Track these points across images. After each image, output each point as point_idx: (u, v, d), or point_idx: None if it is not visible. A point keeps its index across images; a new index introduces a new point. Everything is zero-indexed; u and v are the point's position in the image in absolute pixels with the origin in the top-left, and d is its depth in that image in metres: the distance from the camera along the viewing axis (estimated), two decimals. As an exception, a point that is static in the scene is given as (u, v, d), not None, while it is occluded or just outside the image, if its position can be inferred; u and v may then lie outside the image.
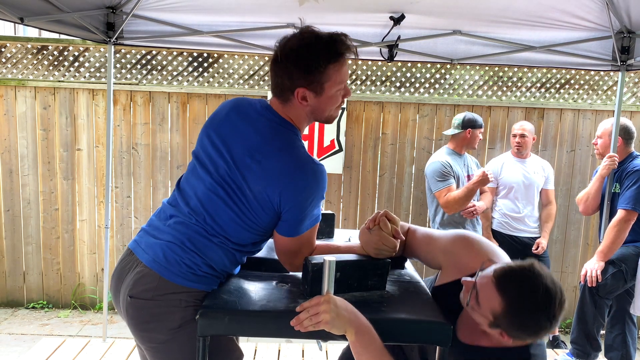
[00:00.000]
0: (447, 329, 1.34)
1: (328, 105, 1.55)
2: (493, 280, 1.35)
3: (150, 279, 1.52)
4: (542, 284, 1.34)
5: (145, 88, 4.29)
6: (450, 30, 3.40)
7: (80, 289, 4.47)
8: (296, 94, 1.51)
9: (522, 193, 3.92)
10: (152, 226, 1.63)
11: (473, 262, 1.47)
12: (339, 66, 1.49)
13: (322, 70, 1.47)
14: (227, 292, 1.45)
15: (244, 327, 1.36)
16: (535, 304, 1.33)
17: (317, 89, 1.50)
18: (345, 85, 1.55)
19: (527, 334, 1.37)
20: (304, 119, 1.58)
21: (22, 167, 4.32)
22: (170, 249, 1.53)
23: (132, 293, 1.54)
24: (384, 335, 1.34)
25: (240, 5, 3.21)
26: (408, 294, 1.52)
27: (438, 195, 3.58)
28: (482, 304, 1.36)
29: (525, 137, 3.90)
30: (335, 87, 1.52)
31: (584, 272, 3.23)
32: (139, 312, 1.55)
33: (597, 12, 3.08)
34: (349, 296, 1.46)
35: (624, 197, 3.17)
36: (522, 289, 1.33)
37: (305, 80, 1.49)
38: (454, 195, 3.51)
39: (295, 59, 1.47)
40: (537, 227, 4.00)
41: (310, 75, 1.48)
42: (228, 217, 1.53)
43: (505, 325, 1.35)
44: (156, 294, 1.51)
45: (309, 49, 1.46)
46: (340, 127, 4.30)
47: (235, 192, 1.52)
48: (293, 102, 1.54)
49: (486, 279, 1.36)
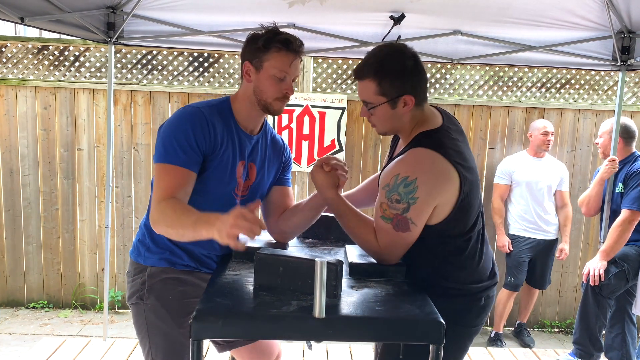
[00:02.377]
0: (441, 327, 1.34)
1: (265, 85, 1.68)
2: (355, 77, 1.66)
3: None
4: (383, 47, 1.65)
5: (146, 88, 4.30)
6: (450, 30, 3.40)
7: (81, 289, 4.47)
8: (243, 67, 1.70)
9: (536, 193, 3.93)
10: None
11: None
12: (283, 53, 1.65)
13: (266, 50, 1.65)
14: (221, 295, 1.45)
15: (237, 330, 1.36)
16: (391, 54, 1.62)
17: (258, 64, 1.67)
18: (288, 77, 1.69)
19: (409, 76, 1.60)
20: (248, 97, 1.73)
21: (23, 167, 4.33)
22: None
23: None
24: (378, 335, 1.35)
25: (241, 5, 3.21)
26: (402, 293, 1.52)
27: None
28: (367, 98, 1.63)
29: (553, 134, 3.98)
30: (273, 70, 1.66)
31: (587, 271, 3.24)
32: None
33: (598, 12, 3.08)
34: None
35: (628, 198, 3.17)
36: (375, 58, 1.62)
37: (251, 55, 1.68)
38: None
39: (251, 37, 1.70)
40: (553, 228, 4.01)
41: (255, 52, 1.66)
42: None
43: (390, 89, 1.58)
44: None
45: (265, 33, 1.67)
46: (341, 127, 4.30)
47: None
48: (244, 82, 1.73)
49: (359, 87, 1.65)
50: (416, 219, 1.57)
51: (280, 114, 1.77)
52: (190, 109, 1.68)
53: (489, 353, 3.73)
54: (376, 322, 1.36)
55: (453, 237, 1.67)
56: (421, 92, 1.65)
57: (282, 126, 4.27)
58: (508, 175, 4.01)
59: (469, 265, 1.70)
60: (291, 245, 1.95)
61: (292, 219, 1.88)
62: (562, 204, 4.05)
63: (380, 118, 1.66)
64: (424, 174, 1.55)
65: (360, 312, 1.37)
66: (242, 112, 1.75)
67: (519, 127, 4.40)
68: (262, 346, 2.01)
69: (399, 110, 1.63)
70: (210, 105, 1.72)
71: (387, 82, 1.60)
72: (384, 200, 1.59)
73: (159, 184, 1.61)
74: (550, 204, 4.01)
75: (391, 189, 1.56)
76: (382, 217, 1.60)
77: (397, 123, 1.67)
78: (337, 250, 1.93)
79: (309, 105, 4.25)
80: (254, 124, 1.79)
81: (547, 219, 3.98)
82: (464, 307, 1.70)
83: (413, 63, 1.63)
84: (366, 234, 1.64)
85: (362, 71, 1.64)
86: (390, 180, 1.57)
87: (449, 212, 1.60)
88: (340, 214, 1.71)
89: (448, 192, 1.58)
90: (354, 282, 1.59)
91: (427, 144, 1.59)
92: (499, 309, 4.10)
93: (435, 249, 1.67)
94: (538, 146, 3.97)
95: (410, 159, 1.58)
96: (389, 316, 1.37)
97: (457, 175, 1.57)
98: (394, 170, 1.59)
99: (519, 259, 4.01)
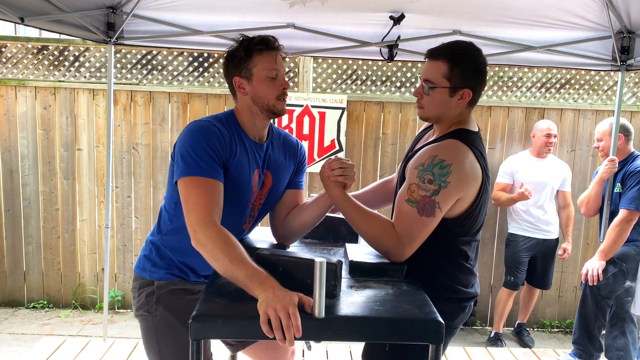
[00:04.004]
0: (441, 327, 1.34)
1: (262, 89, 1.69)
2: (429, 55, 1.69)
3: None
4: (462, 41, 1.71)
5: (146, 88, 4.30)
6: (450, 30, 3.40)
7: (81, 289, 4.47)
8: (234, 84, 1.71)
9: (539, 194, 3.93)
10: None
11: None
12: (265, 54, 1.67)
13: (249, 58, 1.67)
14: (220, 295, 1.45)
15: (237, 330, 1.36)
16: (470, 49, 1.67)
17: (248, 75, 1.68)
18: (279, 74, 1.70)
19: (477, 75, 1.66)
20: (248, 108, 1.74)
21: (23, 167, 4.33)
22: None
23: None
24: (377, 335, 1.35)
25: (240, 5, 3.21)
26: (401, 293, 1.52)
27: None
28: (432, 78, 1.67)
29: (556, 136, 3.98)
30: (263, 72, 1.67)
31: (585, 271, 3.24)
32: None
33: (597, 12, 3.08)
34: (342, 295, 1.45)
35: (627, 197, 3.18)
36: (455, 45, 1.67)
37: (237, 69, 1.69)
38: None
39: (229, 54, 1.72)
40: (553, 228, 4.02)
41: (240, 64, 1.68)
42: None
43: (459, 77, 1.64)
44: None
45: (239, 46, 1.69)
46: (341, 127, 4.30)
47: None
48: (238, 96, 1.74)
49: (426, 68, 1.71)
50: (442, 204, 1.59)
51: (285, 113, 1.77)
52: (200, 122, 1.67)
53: (488, 353, 3.73)
54: (375, 322, 1.36)
55: (460, 237, 1.70)
56: (478, 94, 1.72)
57: (282, 126, 4.27)
58: (510, 175, 4.01)
59: (468, 271, 1.75)
60: (291, 245, 1.95)
61: (298, 218, 1.87)
62: (564, 204, 4.06)
63: (434, 101, 1.70)
64: (458, 163, 1.59)
65: (359, 312, 1.37)
66: (247, 123, 1.75)
67: (519, 127, 4.40)
68: (277, 343, 1.99)
69: (454, 100, 1.68)
70: (218, 118, 1.72)
71: (458, 69, 1.65)
72: (414, 180, 1.60)
73: (191, 201, 1.56)
74: (551, 205, 4.01)
75: (426, 168, 1.59)
76: (408, 200, 1.60)
77: (446, 112, 1.71)
78: (337, 250, 1.93)
79: (309, 106, 4.25)
80: (261, 132, 1.79)
81: (547, 219, 3.98)
82: (452, 310, 1.72)
83: (484, 67, 1.70)
84: (376, 231, 1.64)
85: (439, 51, 1.68)
86: (426, 161, 1.60)
87: (465, 208, 1.65)
88: (348, 213, 1.71)
89: (471, 189, 1.63)
90: (353, 282, 1.59)
91: (464, 140, 1.64)
92: (499, 308, 4.11)
93: (444, 249, 1.70)
94: (540, 147, 3.97)
95: (448, 146, 1.63)
96: (389, 316, 1.37)
97: (482, 177, 1.64)
98: (431, 152, 1.62)
99: (518, 258, 4.01)
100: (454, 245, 1.70)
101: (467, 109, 1.72)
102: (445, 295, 1.70)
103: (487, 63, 1.72)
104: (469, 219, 1.67)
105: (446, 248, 1.70)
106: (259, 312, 1.30)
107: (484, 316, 4.52)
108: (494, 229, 4.40)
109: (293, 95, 4.24)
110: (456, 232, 1.68)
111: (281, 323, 1.27)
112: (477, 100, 1.73)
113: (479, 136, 1.73)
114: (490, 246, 4.46)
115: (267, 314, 1.28)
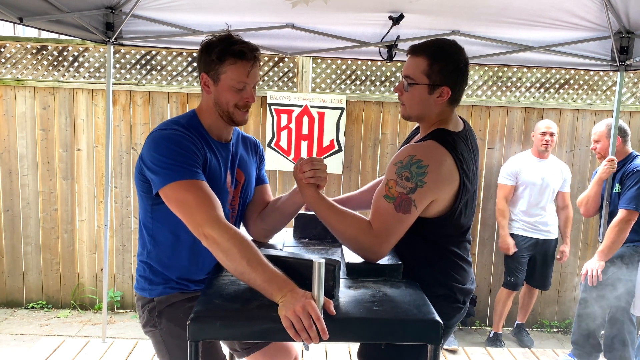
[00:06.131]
0: (439, 327, 1.34)
1: (225, 97, 1.66)
2: (410, 51, 1.69)
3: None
4: (445, 39, 1.71)
5: (145, 88, 4.30)
6: (449, 30, 3.40)
7: (80, 289, 4.47)
8: (201, 78, 1.68)
9: (540, 194, 3.93)
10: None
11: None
12: (239, 64, 1.63)
13: (221, 61, 1.62)
14: (218, 296, 1.45)
15: (235, 331, 1.36)
16: (452, 47, 1.67)
17: (215, 77, 1.65)
18: (248, 87, 1.66)
19: (457, 73, 1.66)
20: (211, 108, 1.71)
21: (22, 167, 4.33)
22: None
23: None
24: (376, 335, 1.35)
25: (240, 5, 3.21)
26: (399, 293, 1.52)
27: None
28: (411, 74, 1.67)
29: (554, 135, 3.94)
30: (230, 82, 1.64)
31: (585, 271, 3.24)
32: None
33: (596, 12, 3.08)
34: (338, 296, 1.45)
35: (625, 198, 3.18)
36: (437, 42, 1.69)
37: (207, 67, 1.65)
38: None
39: (205, 48, 1.66)
40: (552, 228, 4.02)
41: (210, 64, 1.64)
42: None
43: (438, 74, 1.64)
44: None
45: (219, 42, 1.63)
46: (340, 127, 4.30)
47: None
48: (203, 93, 1.71)
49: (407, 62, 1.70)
50: (418, 203, 1.59)
51: (245, 124, 1.74)
52: (165, 132, 1.62)
53: (487, 353, 3.73)
54: (374, 322, 1.36)
55: (449, 237, 1.71)
56: (458, 93, 1.71)
57: (282, 126, 4.27)
58: (514, 176, 4.00)
59: (461, 268, 1.75)
60: (288, 246, 1.95)
61: (272, 216, 1.88)
62: (563, 205, 4.06)
63: (413, 98, 1.70)
64: (435, 165, 1.59)
65: (357, 312, 1.37)
66: (211, 124, 1.73)
67: (518, 128, 4.40)
68: (280, 349, 2.00)
69: (433, 97, 1.68)
70: (180, 124, 1.67)
71: (437, 67, 1.65)
72: (392, 176, 1.61)
73: (191, 202, 1.51)
74: (551, 205, 4.01)
75: (404, 166, 1.59)
76: (386, 196, 1.61)
77: (426, 110, 1.71)
78: (335, 250, 1.93)
79: (308, 106, 4.25)
80: (226, 132, 1.77)
81: (547, 220, 3.98)
82: (448, 310, 1.72)
83: (465, 65, 1.69)
84: (353, 230, 1.63)
85: (420, 48, 1.69)
86: (405, 159, 1.61)
87: (442, 210, 1.65)
88: (322, 213, 1.70)
89: (446, 193, 1.63)
90: (351, 282, 1.59)
91: (443, 142, 1.63)
92: (498, 308, 4.11)
93: (435, 248, 1.71)
94: (537, 146, 3.97)
95: (426, 147, 1.63)
96: (387, 316, 1.37)
97: (459, 180, 1.63)
98: (409, 151, 1.63)
99: (517, 258, 4.01)
100: (441, 245, 1.72)
101: (448, 108, 1.71)
102: (440, 291, 1.69)
103: (468, 62, 1.71)
104: (449, 220, 1.67)
105: (436, 247, 1.71)
106: (280, 317, 1.31)
107: (483, 316, 4.52)
108: (494, 229, 4.39)
109: (292, 96, 4.24)
110: (441, 232, 1.69)
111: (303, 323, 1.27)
112: (458, 99, 1.73)
113: (462, 135, 1.70)
114: (490, 246, 4.46)
115: (287, 318, 1.28)
